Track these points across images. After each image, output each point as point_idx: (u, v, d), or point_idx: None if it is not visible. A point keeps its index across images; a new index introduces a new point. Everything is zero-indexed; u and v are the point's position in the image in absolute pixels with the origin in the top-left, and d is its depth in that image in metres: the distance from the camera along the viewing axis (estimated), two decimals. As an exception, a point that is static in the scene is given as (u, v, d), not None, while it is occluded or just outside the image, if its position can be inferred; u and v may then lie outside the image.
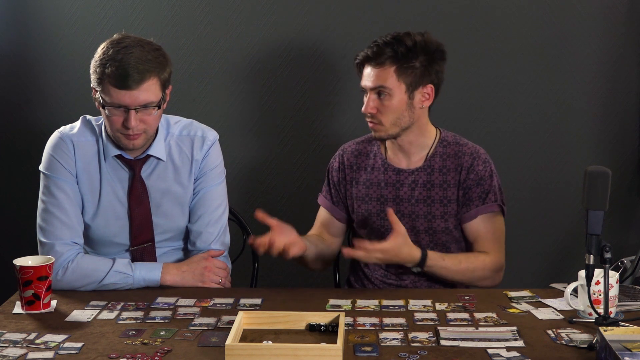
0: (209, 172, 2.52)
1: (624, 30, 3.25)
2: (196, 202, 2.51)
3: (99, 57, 2.33)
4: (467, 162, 2.55)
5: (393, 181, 2.58)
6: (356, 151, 2.66)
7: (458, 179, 2.55)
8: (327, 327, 2.00)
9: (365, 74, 2.53)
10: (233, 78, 3.34)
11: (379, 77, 2.49)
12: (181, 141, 2.51)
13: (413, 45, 2.49)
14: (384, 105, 2.50)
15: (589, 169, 2.04)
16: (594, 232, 2.03)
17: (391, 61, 2.48)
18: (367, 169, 2.62)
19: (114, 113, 2.32)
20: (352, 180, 2.63)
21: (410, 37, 2.50)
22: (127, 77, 2.28)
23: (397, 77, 2.48)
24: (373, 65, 2.51)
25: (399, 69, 2.48)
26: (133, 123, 2.31)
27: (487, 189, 2.54)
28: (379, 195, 2.58)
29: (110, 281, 2.37)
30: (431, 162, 2.57)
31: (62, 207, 2.41)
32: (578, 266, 2.16)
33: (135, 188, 2.46)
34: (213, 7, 3.30)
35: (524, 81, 3.30)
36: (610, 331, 1.82)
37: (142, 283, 2.40)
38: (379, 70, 2.49)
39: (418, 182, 2.56)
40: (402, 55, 2.48)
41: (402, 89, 2.49)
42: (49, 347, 1.95)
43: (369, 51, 2.52)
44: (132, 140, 2.36)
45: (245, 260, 2.91)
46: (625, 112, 3.31)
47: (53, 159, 2.44)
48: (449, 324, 2.10)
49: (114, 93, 2.30)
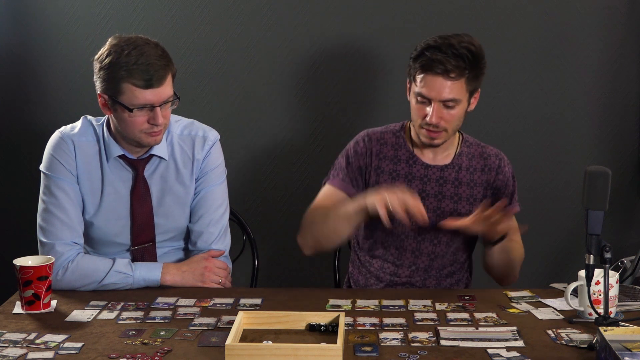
0: (210, 172, 2.52)
1: (624, 30, 3.25)
2: (197, 202, 2.51)
3: (110, 63, 2.29)
4: (494, 163, 2.58)
5: (421, 175, 2.57)
6: (382, 140, 2.60)
7: (486, 179, 2.57)
8: (327, 327, 2.00)
9: (430, 83, 2.41)
10: (233, 78, 3.34)
11: (452, 89, 2.41)
12: (182, 141, 2.51)
13: (477, 51, 2.43)
14: (450, 114, 2.44)
15: (589, 169, 2.04)
16: (594, 232, 2.03)
17: (463, 72, 2.41)
18: (393, 160, 2.59)
19: (138, 115, 2.31)
20: (377, 168, 2.58)
21: (470, 42, 2.43)
22: (152, 76, 2.28)
23: (466, 87, 2.44)
24: (441, 75, 2.40)
25: (468, 79, 2.43)
26: (161, 120, 2.33)
27: (512, 190, 2.60)
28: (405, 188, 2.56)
29: (110, 281, 2.37)
30: (459, 160, 2.57)
31: (62, 207, 2.41)
32: (578, 266, 2.16)
33: (138, 188, 2.46)
34: (213, 7, 3.30)
35: (524, 81, 3.30)
36: (610, 331, 1.82)
37: (142, 283, 2.40)
38: (451, 82, 2.40)
39: (447, 179, 2.56)
40: (470, 64, 2.41)
41: (466, 97, 2.46)
42: (49, 347, 1.95)
43: (435, 58, 2.38)
44: (156, 136, 2.37)
45: (245, 260, 2.91)
46: (625, 112, 3.31)
47: (54, 159, 2.43)
48: (449, 324, 2.10)
49: (139, 94, 2.29)
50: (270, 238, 3.38)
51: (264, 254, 3.31)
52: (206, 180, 2.51)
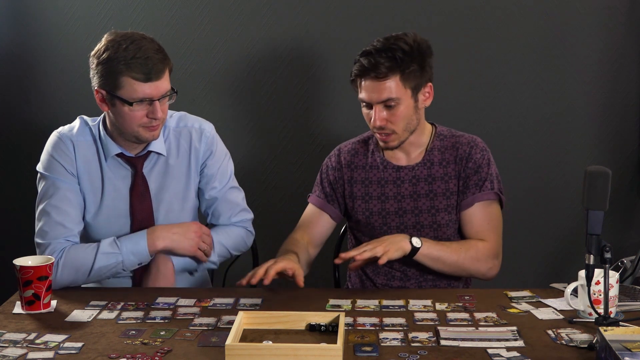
0: (218, 173, 2.54)
1: (624, 30, 3.25)
2: (217, 206, 2.57)
3: (108, 57, 2.30)
4: (464, 152, 2.54)
5: (393, 178, 2.58)
6: (353, 150, 2.64)
7: (457, 169, 2.54)
8: (327, 327, 2.00)
9: (367, 87, 2.44)
10: (233, 78, 3.34)
11: (386, 89, 2.42)
12: (179, 134, 2.51)
13: (410, 48, 2.42)
14: (394, 115, 2.44)
15: (589, 169, 2.04)
16: (594, 232, 2.03)
17: (393, 70, 2.41)
18: (365, 168, 2.61)
19: (137, 108, 2.32)
20: (351, 179, 2.62)
21: (402, 40, 2.43)
22: (151, 69, 2.29)
23: (403, 85, 2.43)
24: (373, 77, 2.42)
25: (403, 77, 2.42)
26: (160, 114, 2.34)
27: (484, 177, 2.52)
28: (380, 194, 2.58)
29: (101, 264, 2.34)
30: (430, 156, 2.56)
31: (59, 208, 2.40)
32: (578, 266, 2.15)
33: (137, 185, 2.46)
34: (213, 7, 3.30)
35: (524, 81, 3.30)
36: (610, 331, 1.82)
37: (133, 258, 2.37)
38: (384, 82, 2.41)
39: (419, 177, 2.56)
40: (401, 62, 2.41)
41: (408, 95, 2.45)
42: (49, 347, 1.95)
43: (366, 62, 2.42)
44: (154, 131, 2.37)
45: (245, 260, 2.91)
46: (625, 112, 3.31)
47: (53, 160, 2.43)
48: (449, 324, 2.09)
49: (138, 87, 2.29)
50: (270, 238, 3.38)
51: (264, 254, 3.30)
52: (217, 181, 2.54)
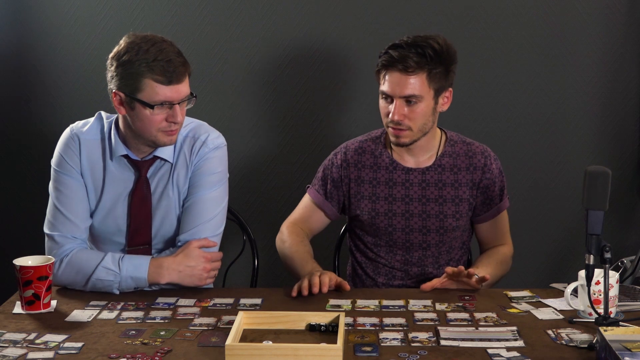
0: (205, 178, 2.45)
1: (624, 30, 3.25)
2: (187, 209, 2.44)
3: (129, 59, 2.26)
4: (480, 162, 2.56)
5: (402, 180, 2.57)
6: (360, 149, 2.63)
7: (471, 178, 2.55)
8: (327, 327, 2.00)
9: (392, 80, 2.43)
10: (233, 78, 3.34)
11: (410, 85, 2.41)
12: (185, 143, 2.47)
13: (440, 48, 2.42)
14: (414, 111, 2.44)
15: (589, 169, 2.04)
16: (594, 232, 2.03)
17: (422, 66, 2.41)
18: (373, 167, 2.59)
19: (158, 112, 2.30)
20: (357, 178, 2.60)
21: (434, 39, 2.43)
22: (174, 71, 2.27)
23: (428, 84, 2.43)
24: (401, 70, 2.41)
25: (429, 76, 2.42)
26: (180, 118, 2.32)
27: (502, 186, 2.59)
28: (387, 195, 2.57)
29: (99, 277, 2.32)
30: (441, 162, 2.56)
31: (65, 202, 2.41)
32: (578, 266, 2.16)
33: (139, 189, 2.44)
34: (213, 7, 3.30)
35: (524, 81, 3.30)
36: (610, 331, 1.82)
37: (130, 282, 2.33)
38: (409, 77, 2.41)
39: (429, 182, 2.55)
40: (430, 60, 2.40)
41: (430, 95, 2.45)
42: (49, 347, 1.95)
43: (395, 54, 2.41)
44: (172, 135, 2.35)
45: (245, 260, 2.91)
46: (625, 112, 3.31)
47: (60, 155, 2.45)
48: (449, 324, 2.10)
49: (159, 90, 2.27)
50: (270, 238, 3.37)
51: (264, 254, 3.31)
52: (198, 185, 2.45)
